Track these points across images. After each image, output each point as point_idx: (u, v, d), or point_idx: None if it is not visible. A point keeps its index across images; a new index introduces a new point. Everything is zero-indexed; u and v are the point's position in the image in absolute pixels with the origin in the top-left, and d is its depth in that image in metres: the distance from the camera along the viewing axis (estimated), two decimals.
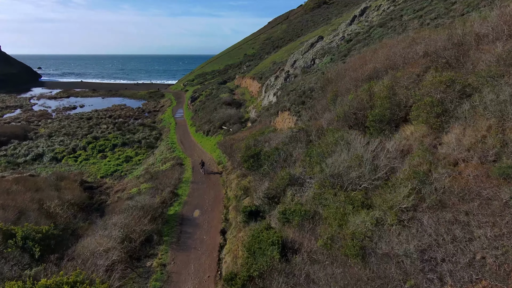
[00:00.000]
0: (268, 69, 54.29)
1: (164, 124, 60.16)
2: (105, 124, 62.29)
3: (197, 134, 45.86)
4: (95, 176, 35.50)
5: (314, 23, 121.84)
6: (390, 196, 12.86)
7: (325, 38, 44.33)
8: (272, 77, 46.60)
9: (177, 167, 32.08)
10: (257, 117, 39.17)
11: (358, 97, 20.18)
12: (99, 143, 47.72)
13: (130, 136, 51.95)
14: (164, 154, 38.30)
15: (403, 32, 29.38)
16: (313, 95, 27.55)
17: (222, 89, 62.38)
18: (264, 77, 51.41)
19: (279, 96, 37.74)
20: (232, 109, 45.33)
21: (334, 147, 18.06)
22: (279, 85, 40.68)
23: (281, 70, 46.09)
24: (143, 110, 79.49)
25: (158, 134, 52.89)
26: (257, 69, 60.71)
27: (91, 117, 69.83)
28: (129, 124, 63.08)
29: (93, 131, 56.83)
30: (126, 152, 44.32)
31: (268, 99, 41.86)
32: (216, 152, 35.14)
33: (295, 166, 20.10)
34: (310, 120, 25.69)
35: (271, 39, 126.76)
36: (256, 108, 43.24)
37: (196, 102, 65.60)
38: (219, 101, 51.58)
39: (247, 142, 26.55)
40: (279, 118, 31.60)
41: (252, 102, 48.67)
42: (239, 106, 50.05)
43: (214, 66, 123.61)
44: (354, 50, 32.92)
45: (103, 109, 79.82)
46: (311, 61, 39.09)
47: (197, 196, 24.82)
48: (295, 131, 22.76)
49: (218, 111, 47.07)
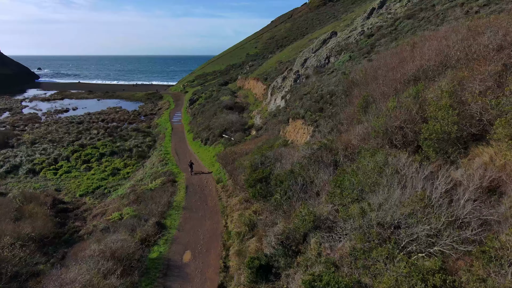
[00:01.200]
0: (274, 69, 49.10)
1: (159, 129, 55.06)
2: (96, 129, 57.31)
3: (194, 142, 40.69)
4: (73, 194, 30.38)
5: (320, 21, 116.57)
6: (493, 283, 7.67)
7: (339, 34, 39.08)
8: (279, 78, 41.39)
9: (169, 186, 26.91)
10: (262, 124, 33.96)
11: (403, 106, 14.91)
12: (85, 152, 42.64)
13: (121, 143, 46.86)
14: (155, 167, 33.15)
15: (443, 23, 24.09)
16: (334, 101, 22.32)
17: (223, 91, 57.24)
18: (269, 78, 46.21)
19: (288, 100, 32.56)
20: (234, 115, 40.12)
21: (377, 176, 12.84)
22: (287, 87, 35.47)
23: (289, 70, 40.88)
24: (139, 113, 74.48)
25: (152, 141, 47.79)
26: (261, 69, 55.54)
27: (82, 121, 64.88)
28: (122, 129, 58.06)
29: (82, 137, 51.83)
30: (114, 162, 39.22)
31: (275, 103, 36.67)
32: (215, 167, 29.94)
33: (319, 199, 14.87)
34: (332, 132, 20.44)
35: (274, 38, 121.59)
36: (261, 113, 38.03)
37: (195, 105, 60.49)
38: (220, 105, 46.41)
39: (252, 159, 21.35)
40: (290, 127, 26.38)
41: (257, 106, 43.44)
42: (241, 110, 44.85)
43: (215, 67, 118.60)
44: (379, 46, 27.67)
45: (96, 112, 74.91)
46: (325, 59, 33.86)
47: (190, 229, 19.62)
48: (315, 148, 17.51)
49: (218, 116, 41.89)
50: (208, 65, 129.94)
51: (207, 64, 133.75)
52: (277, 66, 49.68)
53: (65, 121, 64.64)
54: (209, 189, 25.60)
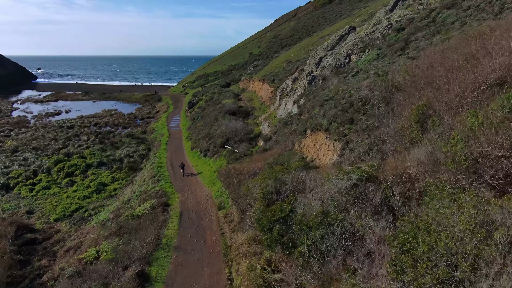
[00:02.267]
0: (282, 69, 44.17)
1: (155, 135, 50.22)
2: (86, 135, 52.52)
3: (193, 152, 35.78)
4: (47, 219, 25.51)
5: (326, 20, 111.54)
6: None
7: (358, 30, 34.10)
8: (288, 80, 36.46)
9: (159, 211, 22.03)
10: (272, 134, 29.02)
11: (495, 124, 9.93)
12: (70, 162, 37.82)
13: (111, 152, 42.01)
14: (146, 184, 28.27)
15: (503, 10, 19.13)
16: (369, 110, 17.38)
17: (225, 94, 52.31)
18: (277, 79, 41.26)
19: (302, 106, 27.64)
20: (238, 121, 35.17)
21: (478, 243, 7.87)
22: (301, 90, 30.54)
23: (301, 71, 35.94)
24: (135, 117, 69.70)
25: (146, 149, 42.92)
26: (267, 70, 50.61)
27: (72, 126, 60.11)
28: (115, 135, 53.26)
29: (69, 144, 47.03)
30: (101, 176, 34.38)
31: (285, 108, 31.75)
32: (216, 186, 25.02)
33: (372, 265, 9.95)
34: (371, 152, 15.47)
35: (278, 37, 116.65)
36: (269, 120, 33.09)
37: (195, 108, 55.61)
38: (222, 109, 41.48)
39: (263, 185, 16.41)
40: (309, 140, 21.42)
41: (263, 111, 38.50)
42: (246, 115, 39.92)
43: (216, 67, 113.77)
44: (416, 41, 22.69)
45: (90, 115, 70.19)
46: (345, 58, 28.92)
47: (182, 283, 14.69)
48: (354, 179, 12.58)
49: (220, 122, 36.96)
50: (209, 65, 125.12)
51: (208, 64, 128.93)
52: (285, 66, 44.75)
53: (55, 126, 59.89)
54: (209, 218, 20.67)
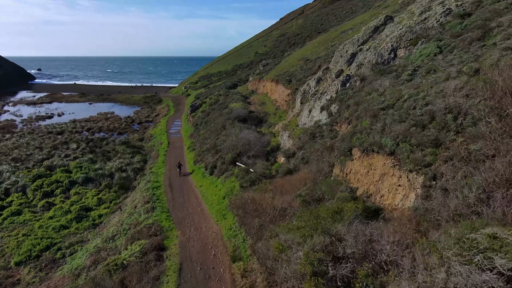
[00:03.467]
0: (299, 68, 38.16)
1: (153, 143, 44.33)
2: (76, 142, 46.72)
3: (196, 168, 29.82)
4: (7, 261, 19.63)
5: (336, 17, 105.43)
6: None
7: (398, 19, 28.02)
8: (310, 81, 30.44)
9: (151, 260, 16.10)
10: (296, 149, 22.99)
11: None
12: (51, 178, 32.00)
13: (101, 164, 36.12)
14: (137, 212, 22.34)
15: None
16: (468, 126, 11.35)
17: (232, 96, 46.28)
18: (294, 80, 35.19)
19: (335, 113, 21.66)
20: (250, 131, 29.12)
21: None
22: (331, 93, 24.51)
23: (325, 70, 29.90)
24: (133, 121, 63.80)
25: (142, 161, 37.01)
26: (279, 69, 44.58)
27: (62, 131, 54.33)
28: (108, 142, 47.41)
29: (55, 154, 41.22)
30: (86, 197, 28.52)
31: (310, 115, 25.75)
32: (227, 220, 19.02)
33: None
34: (489, 199, 9.51)
35: (286, 36, 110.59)
36: (289, 129, 27.06)
37: (198, 112, 49.66)
38: (229, 115, 35.45)
39: (309, 248, 10.54)
40: (359, 165, 15.38)
41: (280, 117, 32.42)
42: (258, 122, 33.92)
43: (220, 67, 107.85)
44: (501, 28, 16.61)
45: (83, 119, 64.39)
46: (389, 52, 22.88)
47: None
48: (506, 268, 6.67)
49: (228, 131, 30.96)
50: (212, 65, 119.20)
51: (211, 64, 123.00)
52: (302, 64, 38.73)
53: (43, 131, 54.13)
54: (220, 276, 14.68)
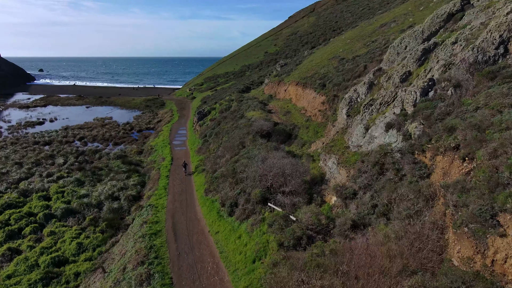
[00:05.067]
0: (333, 69, 30.92)
1: (154, 158, 37.23)
2: (64, 156, 39.76)
3: (208, 200, 22.61)
4: None
5: (352, 14, 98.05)
6: None
7: (488, 2, 20.67)
8: (358, 86, 23.20)
9: None
10: (358, 187, 15.75)
11: None
12: (23, 210, 25.01)
13: (89, 189, 29.09)
14: (126, 279, 15.19)
15: None
16: None
17: (247, 102, 39.08)
18: (330, 83, 27.92)
19: (418, 137, 14.41)
20: (280, 152, 21.86)
21: None
22: (405, 105, 17.24)
23: (378, 72, 22.65)
24: (132, 128, 56.79)
25: (139, 184, 29.88)
26: (304, 70, 37.35)
27: (51, 141, 47.46)
28: (102, 155, 40.39)
29: (36, 172, 34.28)
30: (64, 239, 21.46)
31: (367, 134, 18.54)
32: None
33: None
34: None
35: (297, 34, 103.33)
36: (336, 152, 19.80)
37: (206, 120, 42.53)
38: (249, 128, 28.24)
39: None
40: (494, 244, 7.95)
41: (316, 132, 25.12)
42: (286, 138, 26.68)
43: (227, 67, 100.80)
44: None
45: (77, 126, 57.46)
46: (494, 48, 15.60)
47: None
48: None
49: (250, 151, 23.73)
50: (218, 65, 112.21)
51: (217, 64, 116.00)
52: (337, 64, 31.51)
53: (30, 141, 47.31)
54: None
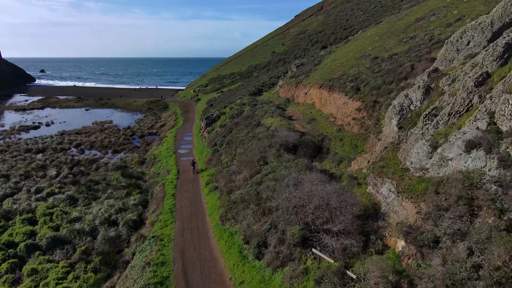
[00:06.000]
0: (366, 69, 26.57)
1: (157, 169, 32.99)
2: (57, 166, 35.61)
3: (226, 232, 18.29)
4: None
5: (364, 12, 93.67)
6: None
7: None
8: (410, 91, 18.83)
9: None
10: (441, 233, 11.40)
11: None
12: (1, 238, 20.83)
13: (82, 209, 24.88)
14: None
15: None
16: None
17: (262, 106, 34.80)
18: (367, 86, 23.55)
19: None
20: (316, 174, 17.56)
21: None
22: (501, 118, 12.90)
23: (434, 73, 18.35)
24: (133, 133, 52.60)
25: (141, 204, 25.59)
26: (327, 70, 33.04)
27: (45, 148, 43.37)
28: (100, 166, 36.20)
29: (23, 186, 30.14)
30: (47, 281, 17.22)
31: (437, 154, 14.20)
32: None
33: None
34: None
35: (306, 33, 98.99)
36: (391, 175, 15.50)
37: (215, 127, 38.26)
38: (270, 139, 23.95)
39: None
40: None
41: (354, 146, 20.76)
42: (316, 152, 22.34)
43: (233, 68, 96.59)
44: None
45: (74, 131, 53.33)
46: None
47: None
48: None
49: (276, 170, 19.40)
50: (223, 66, 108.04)
51: (222, 65, 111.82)
52: (370, 64, 27.19)
53: (21, 148, 43.25)
54: None
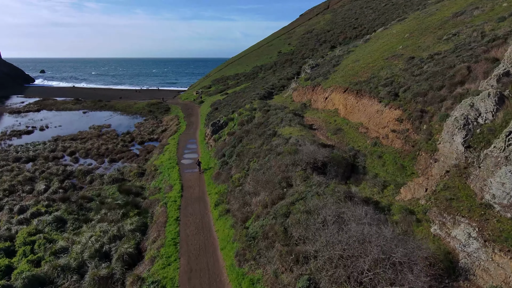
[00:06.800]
0: (402, 71, 22.69)
1: (158, 183, 29.19)
2: (47, 179, 31.87)
3: (245, 278, 14.48)
4: None
5: (374, 10, 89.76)
6: None
7: None
8: (476, 99, 15.00)
9: None
10: None
11: None
12: None
13: (70, 236, 21.10)
14: None
15: None
16: None
17: (276, 113, 31.02)
18: (408, 92, 19.64)
19: None
20: (362, 208, 13.74)
21: None
22: None
23: (505, 76, 14.59)
24: (132, 139, 48.87)
25: (139, 229, 21.73)
26: (352, 72, 29.21)
27: (36, 157, 39.69)
28: (94, 178, 32.47)
29: (5, 205, 26.40)
30: None
31: None
32: None
33: None
34: None
35: (313, 33, 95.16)
36: (467, 213, 11.73)
37: (223, 134, 34.46)
38: (292, 155, 20.11)
39: None
40: None
41: (403, 167, 16.95)
42: (348, 170, 18.55)
43: (237, 69, 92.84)
44: None
45: (69, 137, 49.61)
46: None
47: None
48: None
49: (305, 199, 15.57)
50: (227, 66, 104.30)
51: (225, 65, 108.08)
52: (405, 65, 23.33)
53: (10, 156, 39.57)
54: None
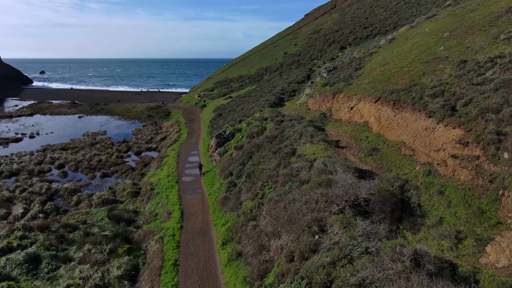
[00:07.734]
0: (453, 78, 18.25)
1: (154, 208, 24.93)
2: (27, 200, 27.69)
3: None
4: None
5: (385, 9, 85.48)
6: None
7: None
8: None
9: None
10: None
11: None
12: None
13: (44, 282, 16.89)
14: None
15: None
16: None
17: (292, 125, 26.80)
18: (473, 106, 15.36)
19: None
20: (437, 282, 9.75)
21: None
22: None
23: None
24: (129, 148, 44.70)
25: (129, 274, 17.52)
26: (381, 78, 24.97)
27: (19, 170, 35.55)
28: (81, 199, 28.29)
29: None
30: None
31: None
32: None
33: None
34: None
35: (320, 33, 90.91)
36: None
37: (229, 148, 30.22)
38: (324, 188, 15.98)
39: None
40: None
41: (481, 213, 12.76)
42: (397, 210, 14.33)
43: (241, 70, 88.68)
44: None
45: (60, 145, 45.42)
46: None
47: None
48: None
49: (351, 252, 11.41)
50: (230, 68, 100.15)
51: (228, 67, 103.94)
52: (456, 71, 18.62)
53: None
54: None
